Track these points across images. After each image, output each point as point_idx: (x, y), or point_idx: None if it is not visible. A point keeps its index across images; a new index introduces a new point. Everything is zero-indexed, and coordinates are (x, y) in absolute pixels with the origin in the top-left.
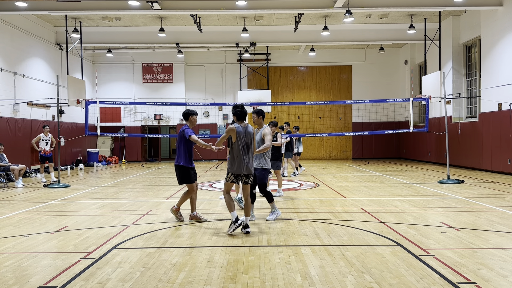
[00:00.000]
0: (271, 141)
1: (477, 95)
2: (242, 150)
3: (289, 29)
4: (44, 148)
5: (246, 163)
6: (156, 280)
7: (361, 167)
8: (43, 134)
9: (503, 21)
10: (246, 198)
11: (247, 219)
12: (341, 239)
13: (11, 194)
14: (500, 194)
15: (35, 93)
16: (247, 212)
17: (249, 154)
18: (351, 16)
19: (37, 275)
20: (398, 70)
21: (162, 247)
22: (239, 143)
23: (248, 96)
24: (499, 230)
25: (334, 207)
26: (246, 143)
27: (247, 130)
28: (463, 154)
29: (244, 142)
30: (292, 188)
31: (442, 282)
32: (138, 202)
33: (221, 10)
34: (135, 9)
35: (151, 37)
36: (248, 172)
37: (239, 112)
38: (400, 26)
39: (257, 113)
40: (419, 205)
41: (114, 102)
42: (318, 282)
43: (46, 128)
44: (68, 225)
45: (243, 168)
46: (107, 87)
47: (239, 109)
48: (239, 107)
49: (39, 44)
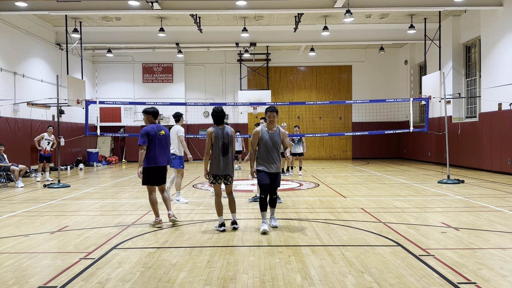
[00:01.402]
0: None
1: (477, 95)
2: (220, 151)
3: (289, 29)
4: (45, 148)
5: (224, 164)
6: (156, 280)
7: (361, 167)
8: (47, 134)
9: (503, 21)
10: (228, 195)
11: (234, 216)
12: (341, 239)
13: (11, 194)
14: (500, 194)
15: (35, 93)
16: (232, 209)
17: (228, 155)
18: (351, 16)
19: (37, 275)
20: (398, 70)
21: (162, 247)
22: (217, 145)
23: (248, 96)
24: (499, 230)
25: (334, 207)
26: (224, 144)
27: (225, 131)
28: (463, 154)
29: (222, 143)
30: (292, 188)
31: (442, 282)
32: (138, 202)
33: (221, 10)
34: (135, 9)
35: (151, 37)
36: (226, 173)
37: (215, 115)
38: (400, 26)
39: (277, 112)
40: (419, 205)
41: (114, 102)
42: (318, 282)
43: (50, 129)
44: (68, 225)
45: (221, 168)
46: (107, 87)
47: (215, 113)
48: (216, 111)
49: (39, 44)
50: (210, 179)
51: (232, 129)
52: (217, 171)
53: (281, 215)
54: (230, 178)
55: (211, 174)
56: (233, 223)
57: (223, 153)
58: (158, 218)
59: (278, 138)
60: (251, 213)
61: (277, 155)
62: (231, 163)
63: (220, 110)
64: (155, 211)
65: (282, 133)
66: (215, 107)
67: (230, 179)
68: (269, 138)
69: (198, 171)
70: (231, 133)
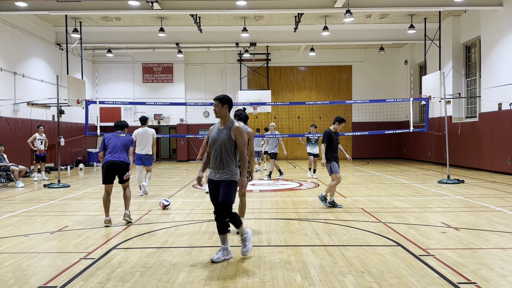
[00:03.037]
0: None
1: (477, 95)
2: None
3: (289, 29)
4: (40, 148)
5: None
6: (156, 280)
7: (361, 167)
8: (38, 134)
9: (503, 21)
10: (240, 197)
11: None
12: (341, 239)
13: (11, 194)
14: (500, 194)
15: (35, 93)
16: (241, 213)
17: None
18: (351, 16)
19: (37, 275)
20: (398, 70)
21: (162, 247)
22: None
23: (248, 96)
24: (499, 230)
25: (334, 207)
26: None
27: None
28: (463, 154)
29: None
30: (292, 188)
31: (442, 282)
32: (138, 202)
33: (221, 10)
34: (135, 9)
35: (151, 37)
36: None
37: (244, 115)
38: (400, 26)
39: (222, 100)
40: (419, 205)
41: (114, 102)
42: (318, 282)
43: (41, 128)
44: (68, 225)
45: None
46: (107, 87)
47: (243, 115)
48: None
49: (39, 44)
50: None
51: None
52: None
53: (281, 215)
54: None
55: None
56: None
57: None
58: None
59: (225, 135)
60: (251, 213)
61: (225, 158)
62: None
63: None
64: None
65: (235, 129)
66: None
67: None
68: (215, 135)
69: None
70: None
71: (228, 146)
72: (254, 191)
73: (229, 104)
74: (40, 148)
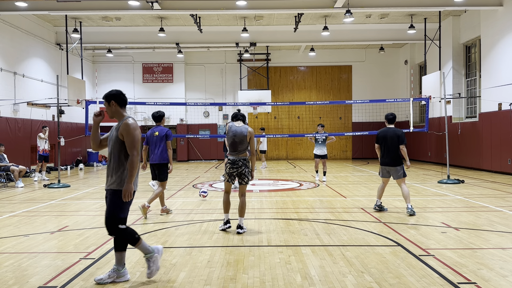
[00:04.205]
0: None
1: (477, 95)
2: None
3: (289, 29)
4: (44, 147)
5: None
6: (156, 280)
7: (361, 167)
8: (42, 134)
9: (503, 21)
10: (240, 197)
11: (241, 220)
12: (341, 239)
13: (11, 194)
14: (500, 194)
15: (35, 93)
16: (241, 213)
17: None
18: (351, 16)
19: (37, 275)
20: (398, 70)
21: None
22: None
23: (248, 96)
24: (499, 230)
25: (334, 207)
26: (234, 142)
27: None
28: (463, 154)
29: (232, 140)
30: (292, 188)
31: (442, 282)
32: (138, 202)
33: (221, 10)
34: (135, 9)
35: (151, 37)
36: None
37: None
38: (400, 26)
39: (108, 98)
40: (419, 205)
41: None
42: (318, 282)
43: (46, 129)
44: (68, 225)
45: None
46: (107, 87)
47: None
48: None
49: (39, 44)
50: (226, 177)
51: (246, 127)
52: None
53: (281, 215)
54: (246, 178)
55: (226, 173)
56: (238, 227)
57: (232, 151)
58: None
59: (113, 136)
60: (251, 213)
61: (113, 162)
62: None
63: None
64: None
65: (122, 127)
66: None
67: (246, 179)
68: (110, 135)
69: (198, 171)
70: (242, 131)
71: (116, 147)
72: (254, 191)
73: (116, 99)
74: (45, 147)
